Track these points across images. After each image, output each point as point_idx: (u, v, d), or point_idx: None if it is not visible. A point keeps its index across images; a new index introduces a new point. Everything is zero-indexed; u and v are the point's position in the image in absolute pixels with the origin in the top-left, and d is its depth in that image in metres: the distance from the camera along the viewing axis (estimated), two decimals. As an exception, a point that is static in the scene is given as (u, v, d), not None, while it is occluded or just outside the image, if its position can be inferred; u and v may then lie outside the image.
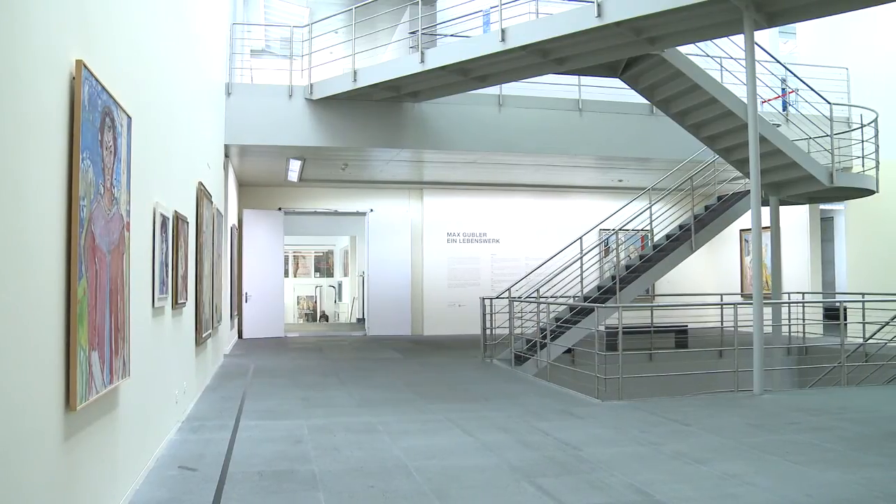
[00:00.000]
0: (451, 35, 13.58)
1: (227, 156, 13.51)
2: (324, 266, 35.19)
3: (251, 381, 10.57)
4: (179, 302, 7.11)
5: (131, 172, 4.68)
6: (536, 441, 6.58)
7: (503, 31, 10.61)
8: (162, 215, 6.05)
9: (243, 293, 17.40)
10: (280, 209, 18.41)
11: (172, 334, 6.91)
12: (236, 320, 16.77)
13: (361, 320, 23.03)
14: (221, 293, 12.16)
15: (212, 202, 10.12)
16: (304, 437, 6.79)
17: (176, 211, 6.84)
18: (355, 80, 12.57)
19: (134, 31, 5.15)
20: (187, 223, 7.64)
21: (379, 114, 13.59)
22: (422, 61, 11.62)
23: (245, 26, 16.34)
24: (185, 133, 7.84)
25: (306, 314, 34.19)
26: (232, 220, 15.13)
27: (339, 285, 32.65)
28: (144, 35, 5.55)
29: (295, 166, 15.24)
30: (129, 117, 4.59)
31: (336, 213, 19.78)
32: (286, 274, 26.78)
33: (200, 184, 8.80)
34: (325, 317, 32.91)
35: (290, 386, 10.08)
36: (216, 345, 11.66)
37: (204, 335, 9.07)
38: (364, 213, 19.05)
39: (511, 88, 14.17)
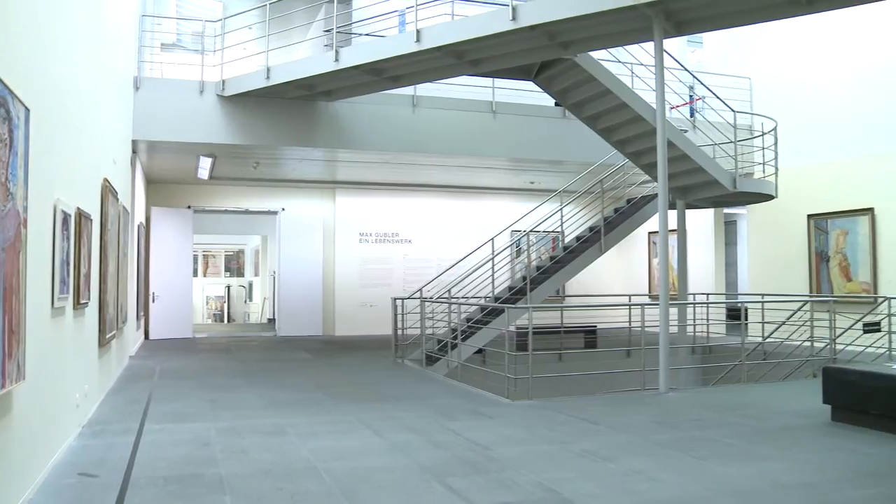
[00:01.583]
0: (367, 34, 13.53)
1: (134, 151, 13.15)
2: (234, 265, 34.58)
3: (157, 383, 10.32)
4: (81, 302, 6.88)
5: (29, 167, 4.50)
6: (446, 441, 6.61)
7: (418, 31, 10.64)
8: (63, 212, 5.85)
9: (150, 293, 16.96)
10: (189, 207, 18.02)
11: (74, 336, 6.68)
12: (143, 321, 16.35)
13: (272, 321, 22.73)
14: (127, 293, 11.82)
15: (118, 199, 9.83)
16: (212, 439, 6.66)
17: (79, 207, 6.62)
18: (268, 77, 12.40)
19: (33, 19, 4.95)
20: (91, 220, 7.40)
21: (292, 112, 13.44)
22: (336, 60, 11.54)
23: (155, 19, 15.93)
24: (90, 127, 7.60)
25: (215, 314, 33.54)
26: (139, 217, 14.73)
27: (250, 285, 32.13)
28: (45, 23, 5.34)
29: (205, 164, 14.93)
30: (26, 109, 4.42)
31: (247, 212, 19.49)
32: (195, 273, 26.19)
33: (106, 180, 8.54)
34: (229, 318, 32.32)
35: (198, 388, 9.88)
36: (121, 346, 11.34)
37: (108, 336, 8.81)
38: (276, 212, 18.82)
39: (425, 89, 14.21)
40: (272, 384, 10.28)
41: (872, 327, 10.96)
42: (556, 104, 15.03)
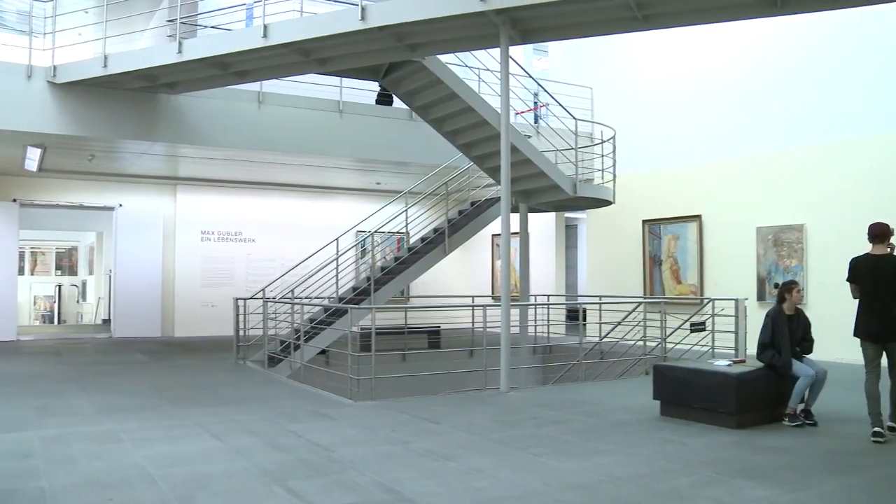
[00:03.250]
0: (213, 27, 13.16)
1: (-48, 139, 12.24)
2: (66, 263, 32.81)
3: (-25, 388, 9.65)
4: None
5: None
6: (288, 443, 6.52)
7: (266, 26, 10.44)
8: None
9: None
10: (15, 200, 16.93)
11: None
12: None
13: (107, 321, 21.71)
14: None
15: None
16: (34, 450, 6.25)
17: None
18: (106, 65, 11.79)
19: None
20: None
21: (132, 104, 12.87)
22: (179, 51, 11.14)
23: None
24: None
25: (44, 315, 31.73)
26: (-43, 210, 13.72)
27: (84, 284, 30.57)
28: None
29: (34, 154, 14.04)
30: None
31: (81, 207, 18.49)
32: (21, 272, 24.67)
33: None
34: (60, 318, 30.65)
35: (21, 394, 9.26)
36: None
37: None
38: (112, 208, 17.99)
39: (272, 86, 13.95)
40: (105, 388, 9.81)
41: (698, 327, 11.61)
42: (378, 102, 15.14)
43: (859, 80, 12.71)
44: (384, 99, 15.45)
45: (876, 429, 6.68)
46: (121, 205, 17.90)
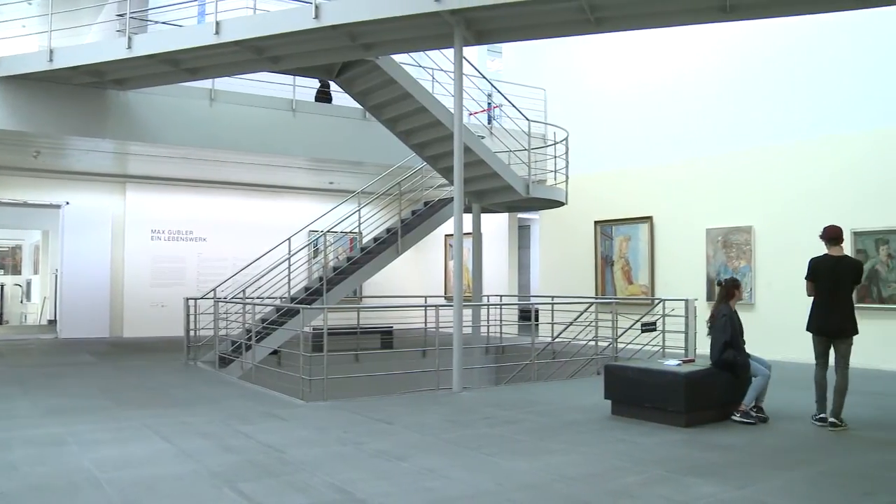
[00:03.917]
0: (164, 22, 12.98)
1: None
2: (10, 262, 32.08)
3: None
4: None
5: None
6: (238, 445, 6.45)
7: (218, 23, 10.33)
8: None
9: None
10: (-43, 198, 16.54)
11: None
12: None
13: (53, 322, 21.27)
14: None
15: None
16: (-25, 452, 6.11)
17: None
18: (51, 59, 11.55)
19: None
20: None
21: (79, 99, 12.63)
22: (129, 47, 10.97)
23: None
24: None
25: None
26: None
27: (28, 284, 29.90)
28: None
29: (-24, 151, 13.75)
30: None
31: (26, 205, 18.05)
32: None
33: None
34: (2, 319, 29.93)
35: (-38, 395, 9.06)
36: None
37: None
38: (59, 206, 17.61)
39: (224, 83, 13.81)
40: (51, 390, 9.60)
41: (649, 327, 11.74)
42: (317, 98, 15.08)
43: (807, 86, 12.97)
44: (323, 96, 15.40)
45: (821, 415, 7.30)
46: (67, 202, 17.55)
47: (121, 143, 14.03)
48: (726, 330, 7.78)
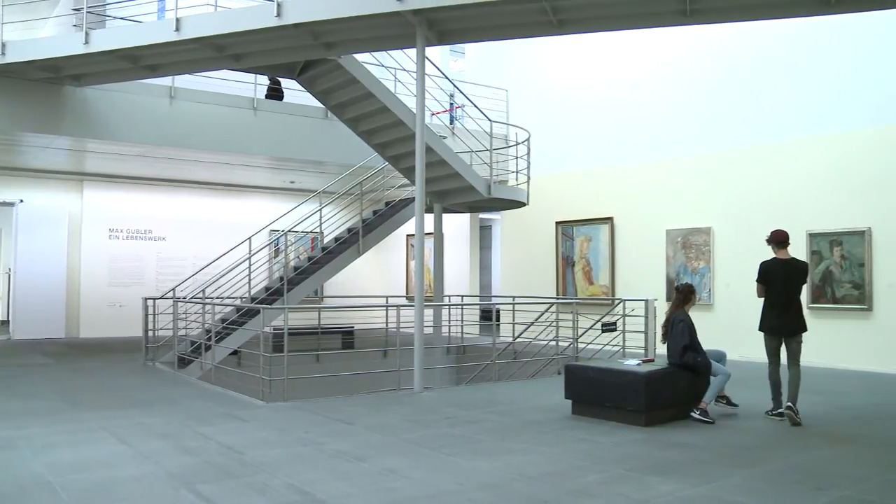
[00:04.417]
0: (123, 18, 12.80)
1: None
2: (-39, 261, 31.41)
3: None
4: None
5: None
6: (197, 446, 6.37)
7: (178, 20, 10.21)
8: None
9: None
10: None
11: None
12: None
13: (5, 322, 20.85)
14: None
15: None
16: (-78, 457, 5.94)
17: None
18: (3, 53, 11.34)
19: None
20: None
21: (34, 95, 12.40)
22: (86, 42, 10.80)
23: None
24: None
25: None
26: None
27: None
28: None
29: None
30: None
31: (-23, 203, 17.75)
32: None
33: None
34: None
35: None
36: None
37: None
38: (12, 204, 17.27)
39: (185, 81, 13.66)
40: (2, 392, 9.40)
41: (609, 327, 11.81)
42: (267, 96, 15.00)
43: (765, 91, 13.16)
44: (274, 93, 15.30)
45: (778, 410, 7.68)
46: (22, 200, 17.22)
47: (78, 141, 13.81)
48: (685, 334, 7.89)
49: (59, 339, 16.95)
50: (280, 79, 14.87)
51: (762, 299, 7.93)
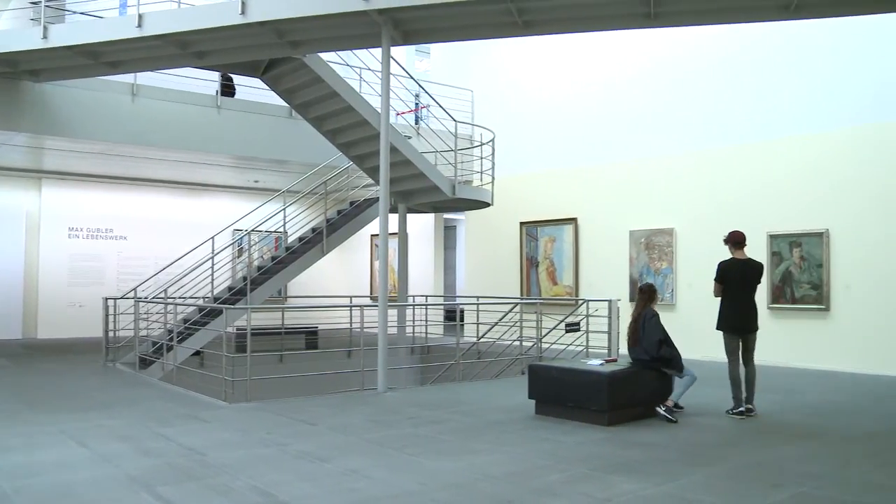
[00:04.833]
0: (82, 13, 12.60)
1: None
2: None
3: None
4: None
5: None
6: (158, 448, 6.30)
7: (140, 16, 10.08)
8: None
9: None
10: None
11: None
12: None
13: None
14: None
15: None
16: None
17: None
18: (-44, 46, 11.13)
19: None
20: None
21: (-11, 90, 12.20)
22: (44, 37, 10.62)
23: None
24: None
25: None
26: None
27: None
28: None
29: None
30: None
31: (-69, 200, 17.39)
32: None
33: None
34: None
35: None
36: None
37: None
38: (-32, 202, 16.97)
39: (148, 78, 13.50)
40: (-42, 393, 9.24)
41: (573, 327, 11.89)
42: (221, 92, 14.86)
43: (727, 95, 13.32)
44: (226, 89, 15.15)
45: (739, 409, 7.82)
46: (-23, 198, 16.94)
47: (36, 137, 13.56)
48: (658, 329, 8.02)
49: (16, 340, 16.66)
50: (232, 75, 14.75)
51: (719, 299, 8.12)
